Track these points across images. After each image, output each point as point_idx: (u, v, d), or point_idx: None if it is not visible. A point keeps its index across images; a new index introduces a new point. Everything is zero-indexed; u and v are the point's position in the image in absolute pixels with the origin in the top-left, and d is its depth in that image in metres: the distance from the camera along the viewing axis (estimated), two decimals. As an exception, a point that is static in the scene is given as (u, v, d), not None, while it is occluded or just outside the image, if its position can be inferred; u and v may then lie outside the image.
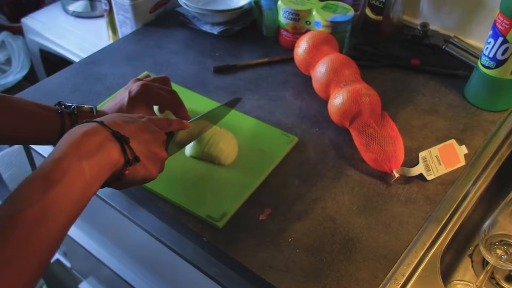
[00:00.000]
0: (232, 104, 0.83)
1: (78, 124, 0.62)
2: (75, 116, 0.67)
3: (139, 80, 0.75)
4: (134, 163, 0.56)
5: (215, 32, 1.07)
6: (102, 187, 0.54)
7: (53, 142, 0.67)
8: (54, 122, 0.66)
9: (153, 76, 0.80)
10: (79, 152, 0.50)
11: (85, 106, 0.69)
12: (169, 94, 0.75)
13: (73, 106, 0.68)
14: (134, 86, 0.73)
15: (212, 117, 0.78)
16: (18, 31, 1.55)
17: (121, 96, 0.73)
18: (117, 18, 1.13)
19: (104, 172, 0.52)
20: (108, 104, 0.74)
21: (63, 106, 0.68)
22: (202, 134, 0.77)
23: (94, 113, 0.69)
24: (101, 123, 0.55)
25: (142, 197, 0.76)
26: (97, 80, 0.95)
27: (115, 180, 0.56)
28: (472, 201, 0.76)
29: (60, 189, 0.46)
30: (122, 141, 0.55)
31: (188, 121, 0.71)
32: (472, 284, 0.78)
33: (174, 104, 0.76)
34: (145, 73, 0.92)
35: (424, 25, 1.04)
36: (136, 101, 0.72)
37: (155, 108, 0.80)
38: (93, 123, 0.54)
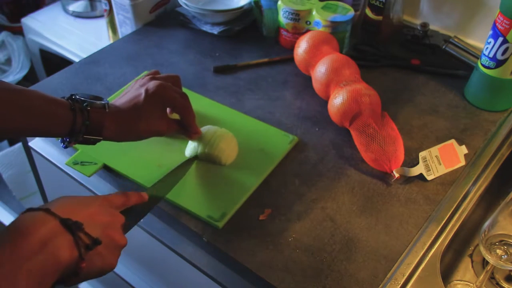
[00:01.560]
0: (186, 167, 0.78)
1: (88, 122, 0.62)
2: (87, 112, 0.64)
3: (153, 77, 0.73)
4: (93, 248, 0.50)
5: (215, 32, 1.07)
6: (53, 286, 0.47)
7: (62, 136, 0.65)
8: (66, 119, 0.63)
9: (162, 74, 0.78)
10: (13, 259, 0.42)
11: (98, 102, 0.66)
12: (181, 97, 0.73)
13: (85, 103, 0.64)
14: (151, 85, 0.70)
15: (167, 184, 0.73)
16: (18, 31, 1.55)
17: (136, 93, 0.70)
18: (117, 18, 1.13)
19: (49, 277, 0.45)
20: (121, 99, 0.70)
21: (75, 100, 0.65)
22: (150, 210, 0.69)
23: (106, 110, 0.66)
24: (47, 210, 0.48)
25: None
26: (97, 80, 0.95)
27: (69, 277, 0.49)
28: (472, 201, 0.76)
29: None
30: (74, 229, 0.48)
31: (147, 189, 0.68)
32: (472, 284, 0.78)
33: (185, 108, 0.74)
34: (145, 72, 0.92)
35: (424, 25, 1.04)
36: (153, 100, 0.69)
37: None
38: (37, 212, 0.47)
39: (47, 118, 0.62)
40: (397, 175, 0.75)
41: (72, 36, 1.33)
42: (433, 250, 0.68)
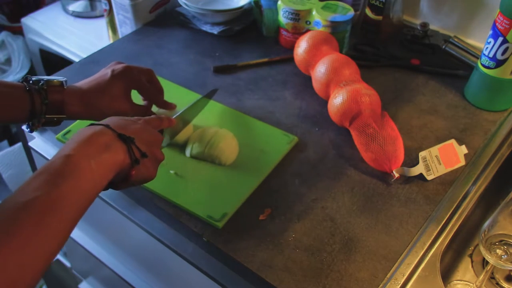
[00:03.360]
0: (210, 95, 0.85)
1: (47, 101, 0.64)
2: (45, 91, 0.65)
3: (121, 62, 0.76)
4: (140, 161, 0.58)
5: (215, 32, 1.07)
6: (107, 188, 0.56)
7: (24, 120, 0.66)
8: (23, 101, 0.64)
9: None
10: (87, 151, 0.52)
11: (55, 80, 0.67)
12: (149, 83, 0.76)
13: (41, 82, 0.65)
14: (117, 66, 0.73)
15: (192, 111, 0.80)
16: (18, 31, 1.55)
17: (102, 73, 0.73)
18: (117, 18, 1.13)
19: (110, 171, 0.54)
20: (86, 79, 0.73)
21: (31, 82, 0.65)
22: (181, 131, 0.79)
23: (64, 87, 0.67)
24: (107, 126, 0.56)
25: (142, 197, 0.76)
26: (97, 80, 0.95)
27: (121, 182, 0.58)
28: (472, 201, 0.76)
29: (69, 183, 0.48)
30: (128, 141, 0.57)
31: (173, 117, 0.73)
32: (472, 284, 0.78)
33: (152, 93, 0.77)
34: None
35: (424, 25, 1.04)
36: (117, 80, 0.72)
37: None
38: (98, 125, 0.56)
39: (4, 102, 0.63)
40: (397, 175, 0.75)
41: (72, 36, 1.33)
42: (433, 250, 0.68)
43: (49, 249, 0.45)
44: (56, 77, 0.68)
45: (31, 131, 0.68)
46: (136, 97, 0.78)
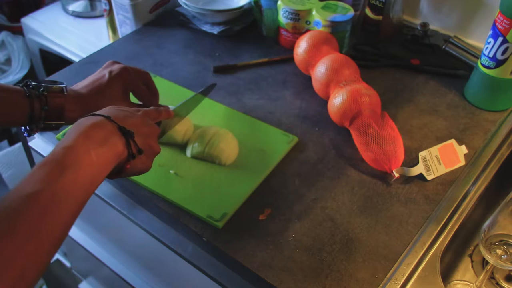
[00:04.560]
0: (207, 90, 0.84)
1: (46, 107, 0.64)
2: (45, 97, 0.64)
3: (117, 62, 0.75)
4: (136, 157, 0.58)
5: (215, 32, 1.07)
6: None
7: (22, 124, 0.65)
8: (22, 106, 0.64)
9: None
10: (87, 143, 0.52)
11: (55, 86, 0.66)
12: (145, 84, 0.76)
13: (41, 88, 0.65)
14: (114, 67, 0.72)
15: (190, 105, 0.80)
16: (18, 31, 1.55)
17: (99, 75, 0.72)
18: (117, 18, 1.13)
19: (110, 163, 0.55)
20: (83, 82, 0.71)
21: (31, 87, 0.65)
22: (177, 124, 0.79)
23: (65, 93, 0.66)
24: (108, 117, 0.56)
25: (142, 197, 0.76)
26: (97, 80, 0.95)
27: (115, 173, 0.59)
28: (472, 201, 0.76)
29: (71, 175, 0.49)
30: (128, 135, 0.57)
31: (172, 109, 0.73)
32: (472, 284, 0.78)
33: (148, 96, 0.76)
34: None
35: (424, 25, 1.04)
36: (115, 82, 0.71)
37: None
38: (99, 116, 0.56)
39: (2, 107, 0.63)
40: (397, 175, 0.75)
41: (72, 36, 1.33)
42: (433, 250, 0.69)
43: (53, 239, 0.46)
44: (55, 81, 0.67)
45: (29, 135, 0.67)
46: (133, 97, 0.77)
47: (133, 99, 0.77)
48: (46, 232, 0.45)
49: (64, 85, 0.67)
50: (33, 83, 0.65)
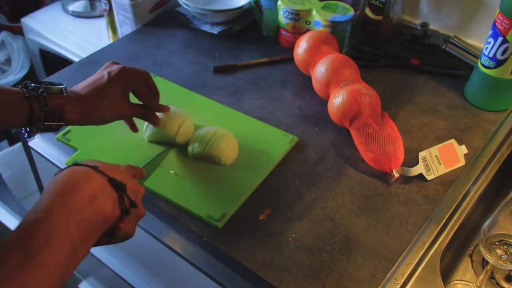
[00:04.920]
0: (166, 152, 0.79)
1: (46, 108, 0.61)
2: (44, 98, 0.63)
3: (116, 63, 0.74)
4: (130, 212, 0.52)
5: (215, 32, 1.07)
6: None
7: (22, 126, 0.64)
8: (22, 107, 0.62)
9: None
10: (67, 209, 0.44)
11: (55, 87, 0.65)
12: (145, 84, 0.74)
13: (41, 89, 0.63)
14: (113, 68, 0.71)
15: (154, 164, 0.75)
16: (18, 31, 1.55)
17: (98, 76, 0.70)
18: (117, 18, 1.13)
19: (95, 231, 0.47)
20: (82, 83, 0.70)
21: (30, 88, 0.63)
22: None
23: (64, 94, 0.65)
24: (95, 168, 0.50)
25: (142, 197, 0.75)
26: (97, 80, 0.95)
27: (104, 237, 0.51)
28: (472, 201, 0.76)
29: (40, 260, 0.41)
30: (120, 188, 0.51)
31: (141, 167, 0.69)
32: (472, 284, 0.78)
33: (148, 96, 0.74)
34: None
35: (424, 25, 1.04)
36: (115, 83, 0.69)
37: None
38: (85, 167, 0.50)
39: (2, 109, 0.62)
40: (397, 175, 0.75)
41: (72, 36, 1.33)
42: (433, 250, 0.69)
43: None
44: (55, 82, 0.66)
45: (29, 136, 0.67)
46: (132, 97, 0.77)
47: (132, 99, 0.77)
48: None
49: (64, 86, 0.66)
50: (32, 84, 0.64)
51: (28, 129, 0.65)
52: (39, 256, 0.41)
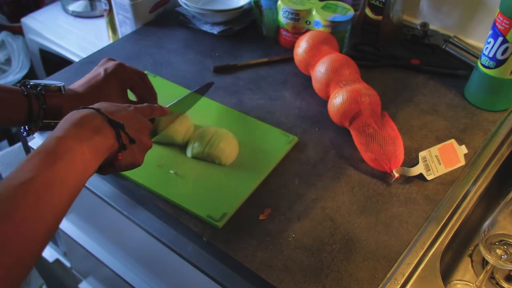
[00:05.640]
0: (204, 90, 0.84)
1: (45, 106, 0.64)
2: (43, 96, 0.65)
3: (112, 59, 0.75)
4: (128, 147, 0.59)
5: (215, 32, 1.07)
6: (97, 171, 0.57)
7: (21, 124, 0.66)
8: (21, 105, 0.64)
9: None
10: (79, 134, 0.53)
11: (53, 85, 0.67)
12: (142, 81, 0.76)
13: (39, 87, 0.65)
14: (109, 64, 0.73)
15: (186, 103, 0.79)
16: (18, 31, 1.55)
17: (95, 73, 0.72)
18: (117, 18, 1.13)
19: (100, 154, 0.55)
20: (79, 81, 0.72)
21: (29, 86, 0.65)
22: (172, 122, 0.79)
23: (63, 92, 0.67)
24: (98, 110, 0.57)
25: (142, 197, 0.76)
26: (97, 80, 0.95)
27: (107, 166, 0.59)
28: (472, 201, 0.76)
29: (63, 164, 0.49)
30: (117, 126, 0.57)
31: (167, 106, 0.72)
32: (472, 284, 0.78)
33: (144, 88, 0.76)
34: None
35: (424, 25, 1.04)
36: (111, 79, 0.71)
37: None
38: (89, 109, 0.57)
39: (1, 106, 0.63)
40: (397, 175, 0.75)
41: (72, 36, 1.33)
42: (432, 250, 0.69)
43: (47, 226, 0.47)
44: (54, 82, 0.67)
45: (28, 135, 0.67)
46: (131, 95, 0.77)
47: (131, 98, 0.77)
48: (40, 219, 0.46)
49: (62, 84, 0.68)
50: (31, 82, 0.65)
51: (27, 127, 0.66)
52: (62, 161, 0.49)
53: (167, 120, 0.76)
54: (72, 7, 1.40)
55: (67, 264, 1.45)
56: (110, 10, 1.13)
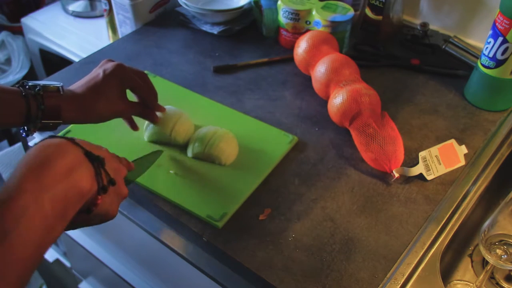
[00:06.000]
0: (157, 154, 0.77)
1: (43, 106, 0.60)
2: (41, 97, 0.63)
3: (111, 60, 0.73)
4: (108, 190, 0.51)
5: (215, 32, 1.07)
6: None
7: (19, 125, 0.65)
8: (19, 106, 0.62)
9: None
10: (39, 185, 0.42)
11: (51, 85, 0.65)
12: (142, 81, 0.73)
13: (38, 88, 0.63)
14: (108, 65, 0.71)
15: (146, 163, 0.74)
16: (18, 31, 1.55)
17: (94, 74, 0.70)
18: (117, 18, 1.13)
19: (71, 207, 0.45)
20: (79, 81, 0.70)
21: (27, 87, 0.64)
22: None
23: (61, 92, 0.65)
24: (72, 140, 0.49)
25: (142, 197, 0.76)
26: (97, 80, 0.95)
27: (79, 215, 0.49)
28: (472, 201, 0.76)
29: (13, 241, 0.39)
30: (97, 162, 0.49)
31: (131, 161, 0.67)
32: (472, 284, 0.78)
33: (144, 88, 0.74)
34: None
35: (424, 25, 1.04)
36: (110, 80, 0.69)
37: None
38: (60, 139, 0.48)
39: (0, 108, 0.62)
40: (397, 175, 0.75)
41: (72, 36, 1.33)
42: (433, 250, 0.69)
43: None
44: (52, 82, 0.67)
45: (27, 135, 0.67)
46: (130, 95, 0.77)
47: (130, 96, 0.77)
48: None
49: (61, 85, 0.67)
50: (29, 83, 0.65)
51: (26, 128, 0.66)
52: (11, 236, 0.39)
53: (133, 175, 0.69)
54: (72, 7, 1.40)
55: (67, 264, 1.46)
56: (110, 10, 1.13)
